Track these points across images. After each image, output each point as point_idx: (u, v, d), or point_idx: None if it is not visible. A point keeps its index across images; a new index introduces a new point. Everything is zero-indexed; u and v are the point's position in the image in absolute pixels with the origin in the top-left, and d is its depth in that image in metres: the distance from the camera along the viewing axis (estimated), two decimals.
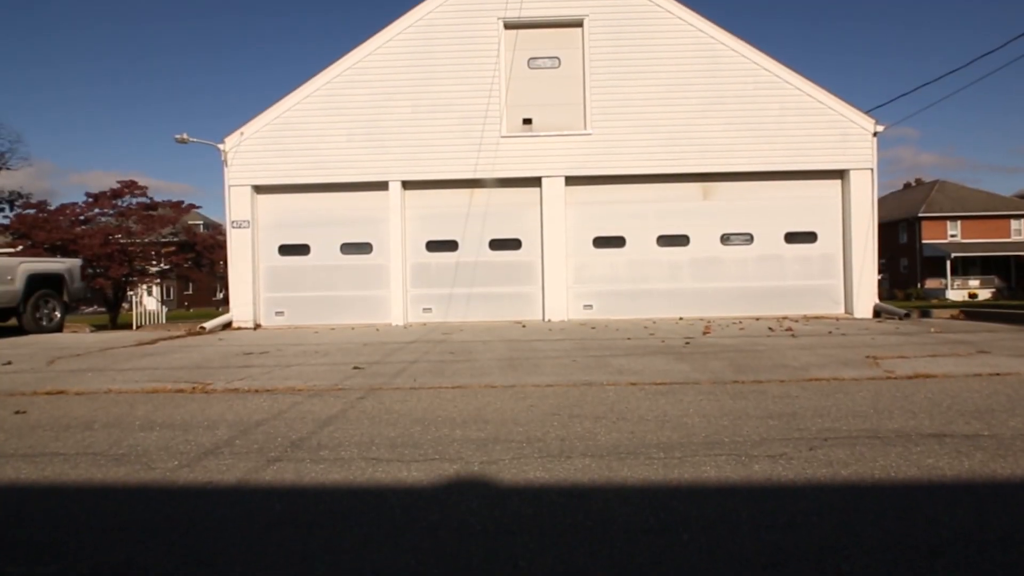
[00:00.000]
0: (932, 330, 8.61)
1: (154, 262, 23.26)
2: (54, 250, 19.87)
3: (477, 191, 11.76)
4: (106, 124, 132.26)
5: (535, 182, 11.64)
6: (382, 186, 11.67)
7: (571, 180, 11.63)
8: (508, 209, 11.76)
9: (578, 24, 11.63)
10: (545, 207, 11.60)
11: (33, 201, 24.68)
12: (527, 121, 11.72)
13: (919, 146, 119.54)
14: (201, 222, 53.11)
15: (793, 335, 8.40)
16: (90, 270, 19.72)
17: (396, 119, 11.58)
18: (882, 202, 45.13)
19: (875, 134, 11.44)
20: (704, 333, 8.86)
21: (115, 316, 22.11)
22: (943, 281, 42.74)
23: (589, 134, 11.53)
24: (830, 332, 8.70)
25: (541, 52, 11.76)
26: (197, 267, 25.73)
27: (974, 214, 43.87)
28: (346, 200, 11.82)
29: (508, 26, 11.65)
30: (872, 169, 11.45)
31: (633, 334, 8.94)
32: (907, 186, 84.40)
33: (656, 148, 11.47)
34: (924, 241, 44.04)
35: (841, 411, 3.92)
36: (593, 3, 11.55)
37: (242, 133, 11.61)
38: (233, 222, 11.67)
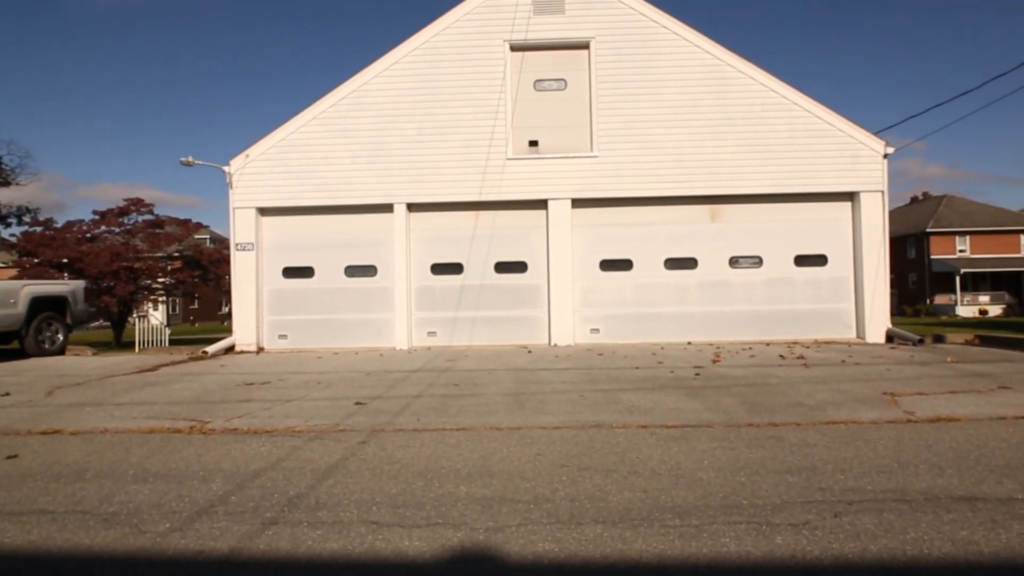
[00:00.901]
0: (948, 359, 8.39)
1: (160, 279, 23.23)
2: (60, 267, 19.88)
3: (482, 213, 11.66)
4: (115, 137, 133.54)
5: (541, 204, 11.54)
6: (387, 208, 11.59)
7: (577, 203, 11.52)
8: (514, 232, 11.65)
9: (584, 46, 11.57)
10: (551, 230, 11.48)
11: (41, 218, 24.83)
12: (533, 143, 11.64)
13: (926, 158, 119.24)
14: (208, 236, 53.50)
15: (805, 365, 8.21)
16: (95, 287, 19.73)
17: (401, 141, 11.52)
18: (889, 217, 44.92)
19: (885, 156, 11.29)
20: (714, 361, 8.68)
21: (119, 333, 22.06)
22: (952, 297, 42.32)
23: (596, 156, 11.43)
24: (843, 361, 8.50)
25: (547, 74, 11.71)
26: (203, 282, 25.71)
27: (983, 229, 43.53)
28: (351, 222, 11.74)
29: (514, 48, 11.62)
30: (883, 191, 11.29)
31: (641, 362, 8.77)
32: (914, 200, 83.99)
33: (663, 170, 11.35)
34: (933, 256, 43.69)
35: (864, 464, 3.74)
36: (600, 25, 11.50)
37: (247, 155, 11.57)
38: (237, 244, 11.60)
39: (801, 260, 11.58)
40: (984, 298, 42.77)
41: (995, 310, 41.77)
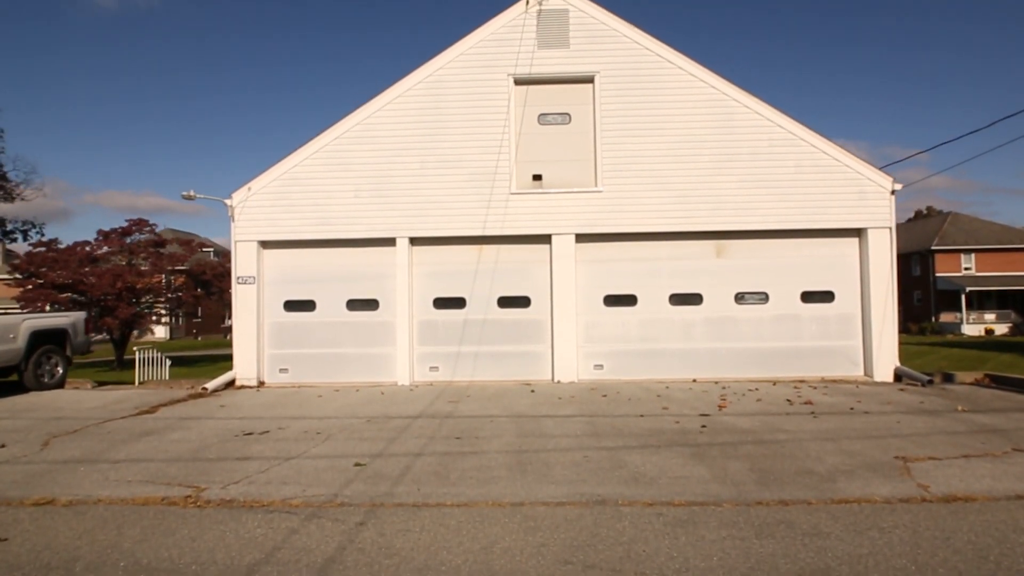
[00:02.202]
0: (959, 408, 8.24)
1: (162, 300, 23.18)
2: (62, 288, 19.84)
3: (486, 248, 11.57)
4: (120, 144, 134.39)
5: (545, 239, 11.45)
6: (389, 242, 11.52)
7: (581, 237, 11.43)
8: (517, 266, 11.56)
9: (589, 80, 11.53)
10: (555, 264, 11.39)
11: (46, 232, 25.03)
12: (537, 177, 11.56)
13: (930, 167, 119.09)
14: (212, 249, 53.58)
15: (813, 413, 8.06)
16: (97, 309, 19.68)
17: (404, 175, 11.47)
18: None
19: (893, 192, 11.19)
20: (720, 407, 8.54)
21: (121, 354, 22.00)
22: (958, 315, 42.05)
23: (600, 191, 11.35)
24: (851, 408, 8.35)
25: (551, 108, 11.66)
26: (207, 295, 25.66)
27: (989, 247, 43.30)
28: (353, 256, 11.67)
29: (518, 82, 11.58)
30: (891, 228, 11.18)
31: (646, 407, 8.63)
32: (918, 214, 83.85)
33: (668, 205, 11.27)
34: (938, 274, 43.46)
35: (879, 565, 3.60)
36: (604, 60, 11.46)
37: (249, 188, 11.53)
38: (239, 278, 11.53)
39: (808, 296, 11.45)
40: (990, 316, 42.49)
41: (1001, 328, 41.49)
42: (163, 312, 23.31)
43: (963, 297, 41.49)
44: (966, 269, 43.43)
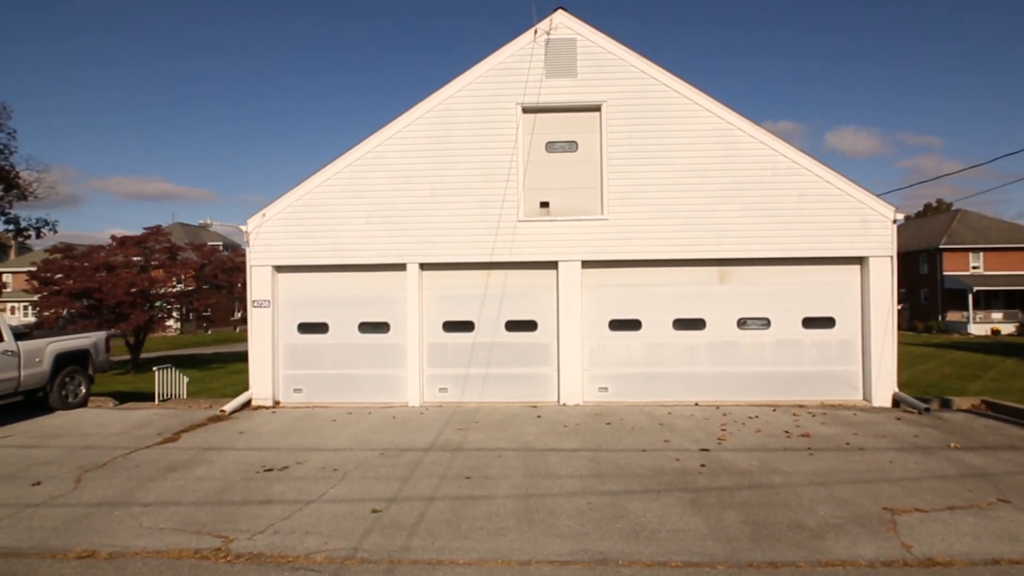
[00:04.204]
0: (952, 445, 8.51)
1: (174, 300, 23.63)
2: (78, 296, 20.31)
3: (494, 273, 11.87)
4: (128, 129, 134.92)
5: (552, 265, 11.73)
6: (400, 267, 11.84)
7: (588, 264, 11.70)
8: (524, 291, 11.86)
9: (596, 109, 11.73)
10: (561, 290, 11.68)
11: (57, 232, 25.58)
12: (544, 204, 11.82)
13: (943, 154, 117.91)
14: (221, 243, 54.10)
15: (809, 449, 8.37)
16: (111, 316, 20.16)
17: (414, 202, 11.75)
18: (901, 230, 44.61)
19: (894, 221, 11.38)
20: (719, 441, 8.85)
21: (136, 356, 22.54)
22: (964, 314, 42.09)
23: (606, 219, 11.60)
24: (847, 444, 8.64)
25: (559, 136, 11.89)
26: (217, 290, 26.12)
27: (997, 246, 43.21)
28: (365, 280, 12.00)
29: (527, 110, 11.80)
30: (892, 256, 11.38)
31: (648, 440, 8.96)
32: (927, 207, 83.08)
33: (673, 233, 11.51)
34: (945, 273, 43.42)
35: None
36: (611, 88, 11.65)
37: (264, 215, 11.85)
38: (254, 301, 11.89)
39: (809, 322, 11.70)
40: (997, 315, 42.51)
41: (1008, 328, 41.51)
42: (175, 315, 23.78)
43: (970, 297, 41.49)
44: (974, 268, 43.38)
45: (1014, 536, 5.50)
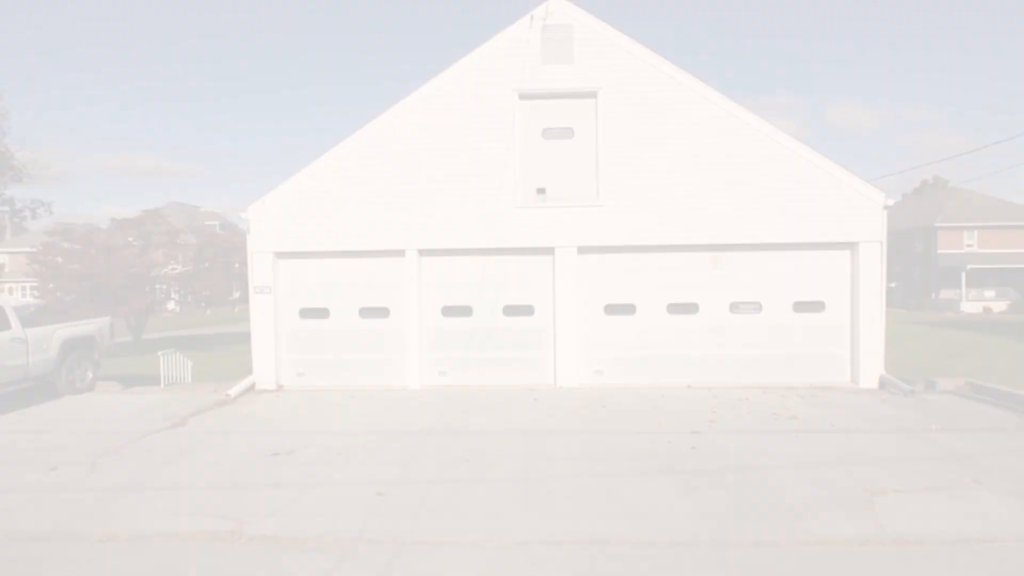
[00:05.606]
0: (933, 427, 8.85)
1: (175, 283, 23.82)
2: (80, 278, 20.48)
3: (492, 258, 12.08)
4: (117, 105, 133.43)
5: (548, 251, 11.95)
6: (399, 254, 12.04)
7: (583, 249, 11.91)
8: (521, 277, 12.09)
9: (592, 95, 11.82)
10: (557, 275, 11.91)
11: (54, 210, 25.62)
12: (541, 191, 11.99)
13: (946, 127, 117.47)
14: (217, 223, 53.97)
15: (796, 432, 8.70)
16: (112, 300, 20.35)
17: (413, 189, 11.90)
18: (897, 208, 44.84)
19: (885, 207, 11.58)
20: (710, 424, 9.17)
21: (139, 335, 22.82)
22: (958, 292, 42.50)
23: (602, 205, 11.78)
24: (832, 426, 8.98)
25: (555, 122, 12.00)
26: (218, 271, 26.23)
27: (992, 224, 43.46)
28: (364, 266, 12.20)
29: (523, 97, 11.88)
30: (881, 242, 11.61)
31: (642, 423, 9.27)
32: (924, 184, 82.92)
33: (667, 219, 11.71)
34: (940, 251, 43.71)
35: None
36: (607, 75, 11.73)
37: (264, 202, 11.99)
38: (256, 287, 12.11)
39: (800, 306, 11.98)
40: (989, 293, 42.93)
41: (999, 306, 41.99)
42: (175, 297, 23.97)
43: (964, 275, 41.86)
44: (968, 246, 43.66)
45: (984, 516, 5.83)
